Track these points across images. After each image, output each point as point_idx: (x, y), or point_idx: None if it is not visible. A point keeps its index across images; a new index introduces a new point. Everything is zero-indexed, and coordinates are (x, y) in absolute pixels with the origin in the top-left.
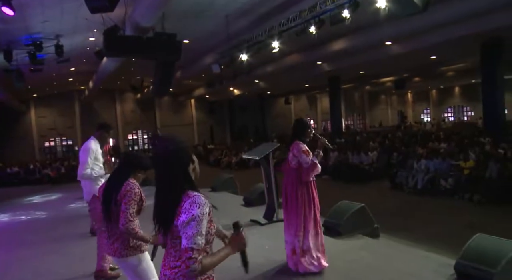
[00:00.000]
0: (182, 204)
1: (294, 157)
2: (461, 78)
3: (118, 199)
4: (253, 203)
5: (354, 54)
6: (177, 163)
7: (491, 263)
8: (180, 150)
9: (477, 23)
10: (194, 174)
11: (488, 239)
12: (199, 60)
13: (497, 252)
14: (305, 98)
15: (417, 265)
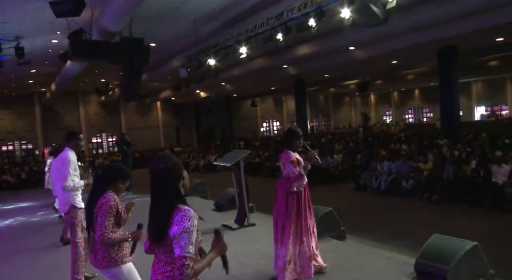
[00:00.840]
0: (173, 217)
1: (283, 165)
2: (420, 81)
3: (95, 211)
4: (224, 208)
5: (319, 58)
6: (168, 181)
7: (445, 260)
8: (172, 169)
9: (433, 32)
10: (183, 189)
11: (443, 239)
12: (166, 63)
13: (450, 250)
14: (271, 100)
15: (381, 265)
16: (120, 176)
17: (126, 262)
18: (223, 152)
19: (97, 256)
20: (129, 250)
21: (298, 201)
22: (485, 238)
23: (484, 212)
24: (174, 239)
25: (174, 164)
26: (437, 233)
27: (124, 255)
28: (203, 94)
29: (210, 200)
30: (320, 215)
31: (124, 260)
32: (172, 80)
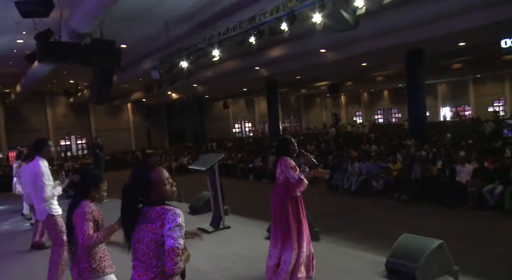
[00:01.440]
0: (163, 216)
1: (281, 172)
2: (389, 82)
3: (73, 220)
4: (199, 211)
5: (291, 60)
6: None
7: (414, 259)
8: (153, 177)
9: (401, 36)
10: (171, 193)
11: (411, 238)
12: (137, 64)
13: (418, 249)
14: (243, 101)
15: (353, 265)
16: (91, 184)
17: (108, 273)
18: (195, 154)
19: (78, 267)
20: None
21: (297, 206)
22: (450, 235)
23: (449, 210)
24: (165, 234)
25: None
26: (406, 232)
27: (106, 266)
28: (175, 95)
29: (185, 204)
30: None
31: (106, 271)
32: (143, 82)
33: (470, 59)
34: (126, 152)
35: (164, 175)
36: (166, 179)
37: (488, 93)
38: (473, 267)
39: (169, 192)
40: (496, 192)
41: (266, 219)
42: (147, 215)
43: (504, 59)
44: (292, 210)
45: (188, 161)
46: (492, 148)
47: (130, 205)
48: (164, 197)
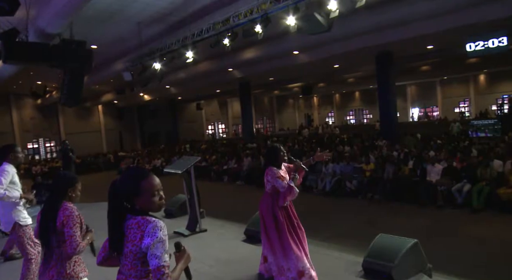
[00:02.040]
0: (143, 229)
1: (268, 182)
2: (360, 84)
3: (58, 226)
4: (175, 214)
5: (264, 62)
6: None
7: (390, 258)
8: (142, 182)
9: (372, 38)
10: (158, 206)
11: (387, 238)
12: (108, 66)
13: (394, 248)
14: (216, 103)
15: (330, 265)
16: (68, 184)
17: (82, 277)
18: (168, 156)
19: (51, 271)
20: (92, 253)
21: (287, 213)
22: (422, 233)
23: (420, 209)
24: (148, 250)
25: (143, 178)
26: (380, 231)
27: (80, 270)
28: (147, 97)
29: None
30: None
31: (80, 276)
32: (114, 83)
33: (437, 62)
34: (98, 155)
35: (156, 186)
36: (156, 190)
37: (454, 94)
38: (443, 263)
39: (156, 204)
40: (464, 191)
41: (242, 221)
42: (127, 224)
43: (468, 62)
44: (283, 217)
45: (162, 163)
46: (459, 147)
47: (116, 211)
48: (150, 207)
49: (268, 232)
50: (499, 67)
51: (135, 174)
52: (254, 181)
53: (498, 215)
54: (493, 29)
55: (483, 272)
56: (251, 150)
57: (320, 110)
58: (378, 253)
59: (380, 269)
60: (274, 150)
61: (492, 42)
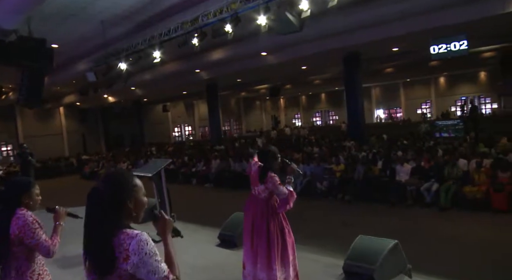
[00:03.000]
0: (126, 246)
1: (265, 189)
2: (326, 85)
3: (13, 239)
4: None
5: (232, 63)
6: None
7: (371, 260)
8: (119, 187)
9: (340, 39)
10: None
11: (367, 239)
12: (70, 66)
13: (375, 250)
14: (183, 105)
15: (309, 268)
16: (21, 190)
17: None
18: (134, 159)
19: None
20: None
21: (279, 218)
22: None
23: (391, 209)
24: (138, 270)
25: (122, 182)
26: (354, 232)
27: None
28: (112, 98)
29: None
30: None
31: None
32: (77, 84)
33: (401, 64)
34: (59, 159)
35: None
36: (144, 190)
37: (416, 96)
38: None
39: (146, 205)
40: (433, 190)
41: (215, 225)
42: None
43: (430, 64)
44: (275, 224)
45: (128, 166)
46: (425, 147)
47: (106, 225)
48: (141, 211)
49: (255, 240)
50: (458, 70)
51: (122, 172)
52: (223, 183)
53: (465, 213)
54: (455, 33)
55: (457, 270)
56: (220, 152)
57: (287, 111)
58: (359, 255)
59: (362, 271)
60: (273, 153)
61: (454, 45)
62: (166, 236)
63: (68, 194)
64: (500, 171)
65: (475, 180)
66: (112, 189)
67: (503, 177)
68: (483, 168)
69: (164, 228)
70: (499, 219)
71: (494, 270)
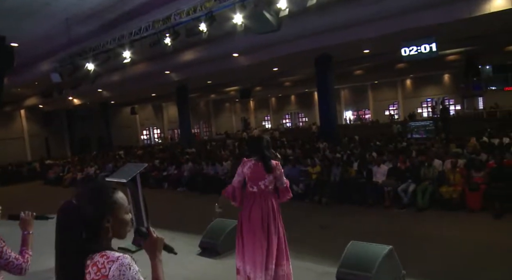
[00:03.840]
0: (105, 272)
1: (274, 179)
2: (297, 87)
3: None
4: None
5: (202, 64)
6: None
7: (366, 268)
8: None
9: (311, 41)
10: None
11: (360, 245)
12: (32, 66)
13: (369, 257)
14: (151, 107)
15: (301, 277)
16: None
17: None
18: (102, 163)
19: None
20: None
21: (279, 215)
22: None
23: (368, 210)
24: None
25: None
26: (334, 235)
27: None
28: (77, 101)
29: None
30: (227, 229)
31: None
32: (40, 86)
33: (370, 66)
34: (21, 164)
35: (126, 200)
36: (127, 207)
37: (384, 98)
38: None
39: (129, 224)
40: (410, 191)
41: (193, 232)
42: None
43: (397, 67)
44: (280, 220)
45: (95, 171)
46: (399, 148)
47: (77, 247)
48: (124, 230)
49: (269, 238)
50: (424, 73)
51: (100, 186)
52: (196, 187)
53: (442, 213)
54: (425, 36)
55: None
56: (191, 155)
57: (256, 113)
58: (353, 263)
59: (357, 279)
60: (267, 141)
61: (424, 48)
62: (156, 259)
63: (32, 201)
64: (474, 171)
65: (451, 180)
66: (87, 206)
67: (477, 176)
68: (458, 168)
69: (154, 248)
70: (474, 218)
71: (478, 269)
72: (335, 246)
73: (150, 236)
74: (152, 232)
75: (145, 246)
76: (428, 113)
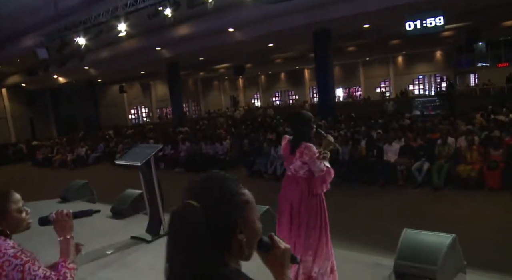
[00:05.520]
0: None
1: (303, 164)
2: (287, 64)
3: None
4: (125, 213)
5: (196, 40)
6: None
7: (430, 260)
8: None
9: (310, 15)
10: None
11: (417, 234)
12: (13, 42)
13: (432, 248)
14: (139, 86)
15: (349, 271)
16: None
17: None
18: (93, 143)
19: None
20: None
21: (321, 203)
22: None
23: (381, 190)
24: None
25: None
26: (351, 217)
27: None
28: (62, 79)
29: (101, 205)
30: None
31: None
32: (23, 63)
33: (363, 43)
34: (5, 146)
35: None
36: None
37: (375, 75)
38: None
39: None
40: (424, 169)
41: None
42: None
43: (391, 43)
44: (318, 208)
45: (86, 152)
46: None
47: None
48: (251, 250)
49: (294, 226)
50: (417, 49)
51: (225, 179)
52: (194, 167)
53: (459, 192)
54: (431, 8)
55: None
56: (186, 134)
57: (246, 91)
58: (412, 254)
59: (419, 273)
60: (307, 119)
61: (430, 22)
62: (284, 277)
63: (24, 184)
64: (492, 148)
65: (467, 158)
66: (217, 210)
67: (496, 155)
68: (474, 145)
69: (281, 262)
70: (494, 197)
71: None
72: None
73: (276, 247)
74: (278, 241)
75: (268, 259)
76: (419, 90)
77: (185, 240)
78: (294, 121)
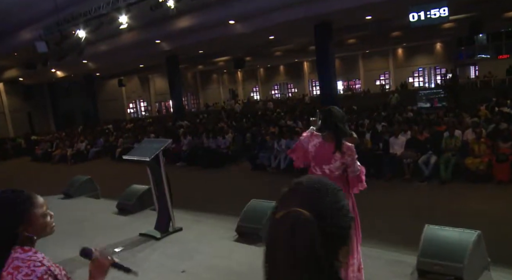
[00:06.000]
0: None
1: (342, 164)
2: (286, 57)
3: None
4: (131, 210)
5: (196, 32)
6: None
7: (455, 258)
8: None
9: (311, 7)
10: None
11: (439, 231)
12: (11, 35)
13: (457, 245)
14: (137, 79)
15: (371, 267)
16: (15, 217)
17: None
18: (92, 138)
19: None
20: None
21: (353, 202)
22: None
23: (388, 183)
24: None
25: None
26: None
27: None
28: (60, 73)
29: (105, 201)
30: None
31: None
32: (20, 57)
33: (363, 35)
34: (4, 140)
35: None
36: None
37: (375, 68)
38: None
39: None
40: (431, 162)
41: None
42: None
43: (391, 35)
44: (352, 208)
45: (86, 146)
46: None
47: None
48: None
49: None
50: (417, 42)
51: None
52: (196, 161)
53: (467, 185)
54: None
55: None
56: (187, 128)
57: (244, 85)
58: (436, 251)
59: (445, 271)
60: (342, 116)
61: (434, 13)
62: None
63: (24, 180)
64: (501, 141)
65: (475, 151)
66: (327, 222)
67: (505, 147)
68: (482, 138)
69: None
70: (504, 190)
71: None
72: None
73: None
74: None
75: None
76: (419, 83)
77: (299, 255)
78: (328, 119)
